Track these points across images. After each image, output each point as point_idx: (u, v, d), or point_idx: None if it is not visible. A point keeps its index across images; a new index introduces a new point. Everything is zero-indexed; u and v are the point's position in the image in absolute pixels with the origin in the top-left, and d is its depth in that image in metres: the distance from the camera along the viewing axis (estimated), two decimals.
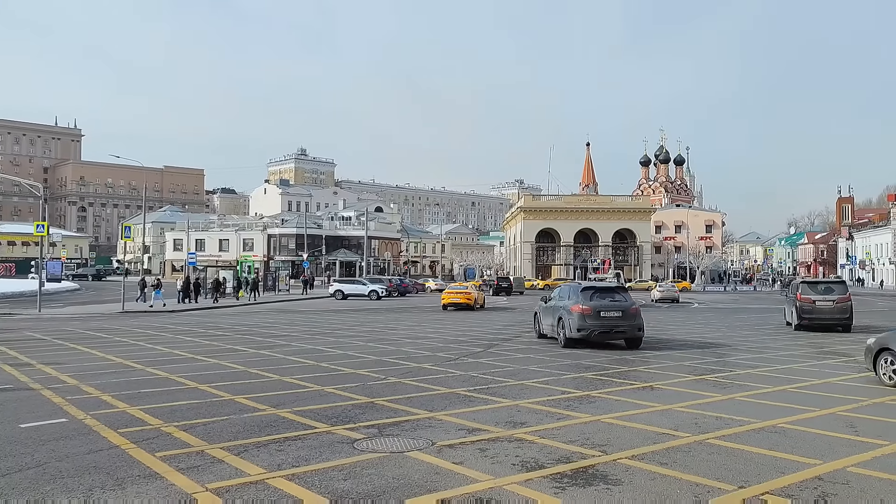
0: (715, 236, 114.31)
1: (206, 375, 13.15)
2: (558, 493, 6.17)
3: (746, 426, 8.85)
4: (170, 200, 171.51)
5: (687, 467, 6.96)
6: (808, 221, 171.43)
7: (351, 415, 9.49)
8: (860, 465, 7.07)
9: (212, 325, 25.76)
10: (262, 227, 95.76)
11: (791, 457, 7.37)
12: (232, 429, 8.61)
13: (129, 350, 17.52)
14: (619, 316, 17.89)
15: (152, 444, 7.81)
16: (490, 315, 32.85)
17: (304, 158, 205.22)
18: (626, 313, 17.96)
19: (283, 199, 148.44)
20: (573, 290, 19.32)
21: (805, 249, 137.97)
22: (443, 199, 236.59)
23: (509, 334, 22.22)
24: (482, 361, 15.36)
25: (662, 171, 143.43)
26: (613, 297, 18.52)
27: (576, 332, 17.75)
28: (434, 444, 7.82)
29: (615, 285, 21.73)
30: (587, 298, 18.15)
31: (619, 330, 18.09)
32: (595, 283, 23.81)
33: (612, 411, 9.76)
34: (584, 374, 13.37)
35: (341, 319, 29.48)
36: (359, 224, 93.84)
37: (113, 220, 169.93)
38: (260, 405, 10.12)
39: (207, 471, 6.80)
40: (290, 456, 7.34)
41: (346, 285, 52.26)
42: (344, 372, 13.69)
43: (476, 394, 11.18)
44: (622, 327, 18.02)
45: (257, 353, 16.98)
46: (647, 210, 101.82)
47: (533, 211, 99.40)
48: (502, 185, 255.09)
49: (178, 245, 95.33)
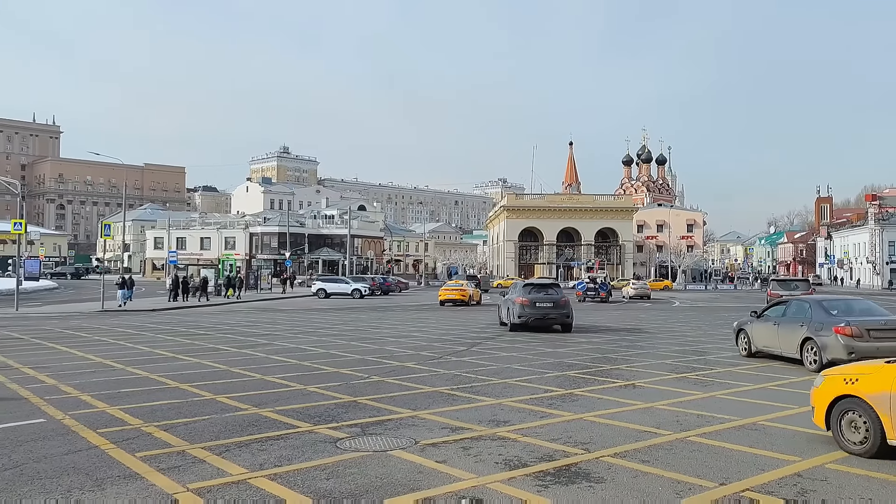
0: (696, 235, 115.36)
1: (188, 375, 13.05)
2: (541, 491, 6.18)
3: (727, 423, 8.93)
4: (150, 198, 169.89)
5: (669, 465, 7.01)
6: (788, 221, 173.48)
7: (334, 414, 9.45)
8: (838, 461, 7.15)
9: (193, 324, 25.55)
10: (244, 225, 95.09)
11: (771, 454, 7.44)
12: (213, 428, 8.55)
13: (108, 349, 17.33)
14: (551, 306, 22.07)
15: (132, 445, 7.73)
16: (475, 313, 32.88)
17: (286, 156, 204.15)
18: (557, 304, 22.17)
19: (266, 197, 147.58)
20: (518, 286, 24.12)
21: (785, 249, 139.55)
22: (426, 197, 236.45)
23: (493, 333, 22.25)
24: (465, 360, 15.38)
25: (644, 171, 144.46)
26: (547, 292, 22.71)
27: (517, 318, 21.94)
28: (417, 443, 7.81)
29: (550, 282, 25.95)
30: (526, 293, 22.46)
31: (551, 317, 22.04)
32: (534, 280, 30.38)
33: (595, 409, 9.81)
34: (566, 373, 13.42)
35: (324, 318, 29.37)
36: (342, 222, 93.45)
37: (92, 218, 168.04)
38: (242, 404, 10.06)
39: (188, 471, 6.74)
40: (272, 455, 7.29)
41: (329, 284, 52.06)
42: (326, 371, 13.64)
43: (459, 392, 11.19)
44: (553, 315, 22.03)
45: (239, 351, 16.86)
46: (630, 209, 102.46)
47: (516, 210, 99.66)
48: (485, 183, 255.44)
49: (159, 243, 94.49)
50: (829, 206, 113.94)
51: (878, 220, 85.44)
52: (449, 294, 39.74)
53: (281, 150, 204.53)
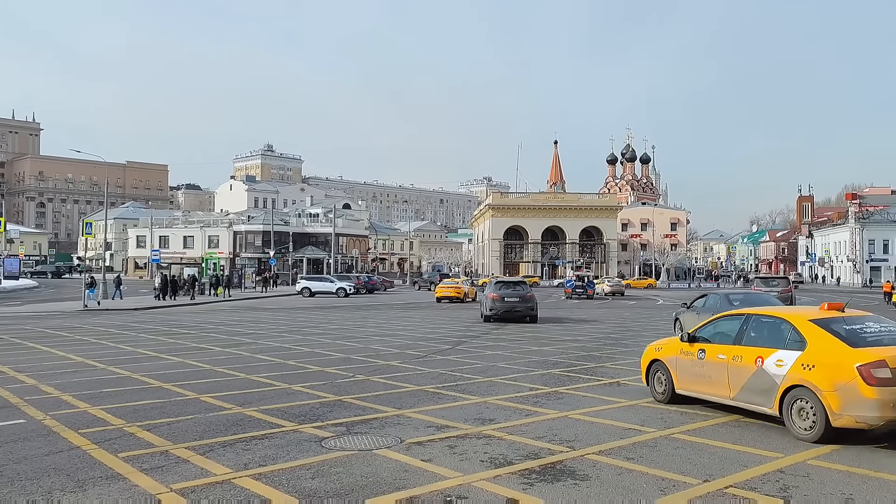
0: (680, 234, 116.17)
1: (171, 374, 12.95)
2: (527, 489, 6.19)
3: (711, 421, 8.99)
4: (132, 196, 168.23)
5: (653, 462, 7.05)
6: (770, 220, 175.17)
7: (318, 413, 9.42)
8: (820, 458, 7.23)
9: (176, 323, 25.35)
10: (227, 223, 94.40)
11: (753, 450, 7.51)
12: (197, 428, 8.48)
13: (90, 349, 17.15)
14: (518, 301, 25.62)
15: (114, 445, 7.66)
16: (461, 311, 32.89)
17: (270, 154, 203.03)
18: (523, 299, 25.79)
19: (250, 195, 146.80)
20: (491, 283, 28.68)
21: (767, 247, 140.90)
22: (411, 196, 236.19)
23: (479, 331, 22.28)
24: (451, 358, 15.38)
25: (629, 170, 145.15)
26: (514, 289, 26.53)
27: (489, 311, 25.67)
28: (403, 442, 7.80)
29: (517, 280, 30.20)
30: (497, 289, 26.37)
31: (517, 310, 25.56)
32: (504, 278, 34.22)
33: (580, 407, 9.84)
34: (551, 371, 13.46)
35: (308, 317, 29.25)
36: (326, 221, 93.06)
37: (73, 217, 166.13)
38: (226, 404, 9.99)
39: (172, 471, 6.69)
40: (256, 455, 7.25)
41: (314, 282, 51.86)
42: (311, 370, 13.59)
43: (445, 391, 11.19)
44: (519, 308, 25.59)
45: (223, 351, 16.75)
46: (614, 208, 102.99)
47: (501, 208, 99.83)
48: (471, 182, 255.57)
49: (142, 242, 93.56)
50: (810, 205, 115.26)
51: (858, 219, 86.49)
52: (445, 291, 41.52)
53: (265, 149, 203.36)
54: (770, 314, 9.36)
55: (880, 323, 8.70)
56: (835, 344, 7.98)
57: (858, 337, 8.11)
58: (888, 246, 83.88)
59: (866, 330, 8.37)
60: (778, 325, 8.89)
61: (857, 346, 7.89)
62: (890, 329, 8.51)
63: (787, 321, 8.78)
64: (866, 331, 8.34)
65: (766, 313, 9.46)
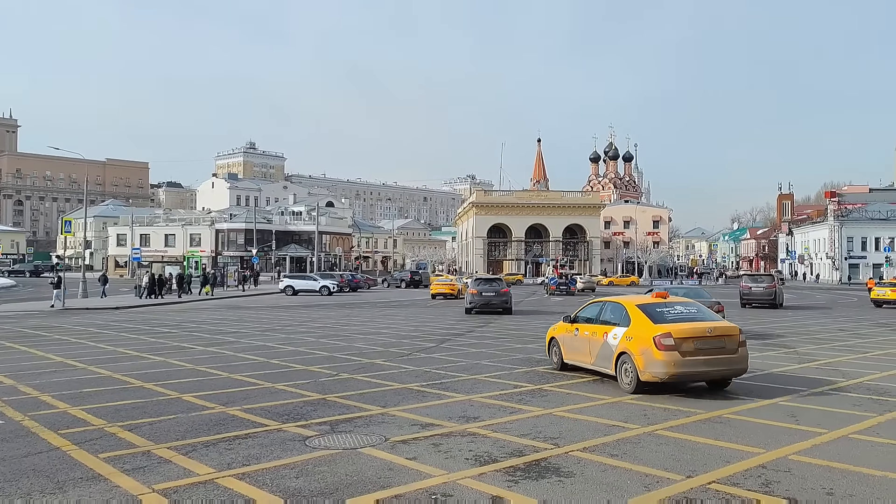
0: (662, 232, 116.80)
1: (152, 373, 12.82)
2: (512, 486, 6.20)
3: (693, 417, 9.06)
4: (113, 194, 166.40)
5: (637, 458, 7.09)
6: (751, 217, 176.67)
7: (302, 412, 9.37)
8: (801, 452, 7.31)
9: (158, 322, 25.12)
10: (209, 221, 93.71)
11: (736, 446, 7.57)
12: (179, 428, 8.41)
13: (69, 348, 16.94)
14: (494, 295, 29.28)
15: (95, 446, 7.57)
16: (444, 309, 32.87)
17: (252, 152, 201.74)
18: (498, 293, 29.35)
19: (232, 193, 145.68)
20: (471, 280, 33.07)
21: (748, 244, 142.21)
22: (395, 194, 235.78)
23: (462, 329, 22.29)
24: (435, 356, 15.36)
25: (611, 168, 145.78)
26: (491, 285, 30.34)
27: (469, 304, 29.32)
28: (387, 440, 7.78)
29: (494, 277, 35.05)
30: (476, 285, 30.32)
31: (493, 304, 29.06)
32: (482, 275, 42.17)
33: (564, 404, 9.87)
34: (535, 368, 13.49)
35: (292, 316, 29.11)
36: (309, 219, 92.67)
37: (52, 215, 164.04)
38: (208, 403, 9.91)
39: (154, 471, 6.62)
40: (240, 455, 7.20)
41: (297, 281, 51.58)
42: (295, 368, 13.52)
43: (429, 389, 11.18)
44: (495, 302, 29.08)
45: (205, 350, 16.62)
46: (597, 206, 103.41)
47: (485, 206, 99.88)
48: (454, 180, 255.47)
49: (122, 240, 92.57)
50: (790, 202, 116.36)
51: (837, 217, 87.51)
52: (440, 288, 44.16)
53: (247, 146, 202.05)
54: (615, 301, 11.89)
55: (687, 307, 11.32)
56: (645, 321, 10.71)
57: (662, 317, 10.79)
58: (866, 243, 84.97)
59: (671, 312, 10.97)
60: (618, 308, 11.53)
61: (658, 322, 10.60)
62: (690, 311, 11.13)
63: (623, 306, 11.45)
64: (671, 312, 10.96)
65: (613, 300, 11.99)
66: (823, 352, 16.41)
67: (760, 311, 31.35)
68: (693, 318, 10.89)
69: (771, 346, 17.64)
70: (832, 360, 14.81)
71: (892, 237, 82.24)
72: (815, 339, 19.51)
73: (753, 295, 34.21)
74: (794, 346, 17.62)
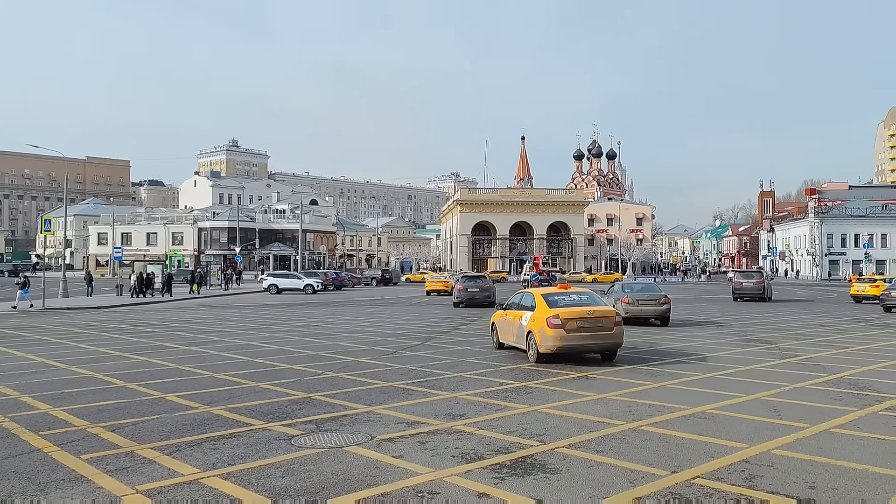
0: (645, 229, 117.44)
1: (135, 373, 12.70)
2: (498, 483, 6.21)
3: (677, 413, 9.12)
4: (93, 193, 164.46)
5: (622, 454, 7.13)
6: (733, 214, 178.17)
7: (287, 411, 9.32)
8: (783, 447, 7.39)
9: (140, 322, 24.89)
10: (192, 220, 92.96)
11: (719, 441, 7.64)
12: (163, 428, 8.34)
13: (50, 348, 16.75)
14: (478, 290, 32.17)
15: (77, 447, 7.49)
16: (429, 308, 32.88)
17: (235, 150, 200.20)
18: (482, 289, 32.21)
19: (215, 191, 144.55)
20: (458, 277, 37.61)
21: (729, 241, 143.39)
22: (379, 191, 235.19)
23: (446, 327, 22.29)
24: (420, 354, 15.35)
25: (595, 165, 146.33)
26: (475, 281, 33.47)
27: (456, 299, 32.48)
28: (373, 439, 7.76)
29: (478, 274, 38.89)
30: (462, 282, 33.47)
31: (478, 298, 31.73)
32: (468, 273, 48.23)
33: (549, 401, 9.91)
34: (521, 365, 13.51)
35: (276, 314, 28.96)
36: (293, 217, 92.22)
37: (31, 213, 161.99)
38: (192, 403, 9.84)
39: (137, 472, 6.56)
40: (224, 454, 7.15)
41: (281, 279, 51.32)
42: (279, 367, 13.45)
43: (415, 387, 11.17)
44: (479, 296, 31.86)
45: (188, 349, 16.50)
46: (581, 203, 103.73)
47: (469, 204, 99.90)
48: (438, 178, 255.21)
49: (103, 239, 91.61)
50: (771, 200, 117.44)
51: (818, 214, 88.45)
52: (435, 285, 47.28)
53: (230, 144, 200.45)
54: (530, 291, 15.13)
55: (580, 296, 14.32)
56: (544, 306, 13.68)
57: (556, 303, 13.77)
58: (846, 240, 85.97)
59: (565, 299, 13.98)
60: (530, 297, 14.65)
61: (552, 307, 13.55)
62: (581, 299, 14.11)
63: (534, 295, 14.52)
64: (565, 300, 13.96)
65: (529, 291, 15.27)
66: (804, 347, 16.60)
67: (750, 305, 33.40)
68: (580, 304, 13.82)
69: (753, 342, 17.83)
70: (813, 356, 14.99)
71: (871, 234, 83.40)
72: (797, 334, 19.73)
73: (745, 290, 37.62)
74: (775, 342, 17.81)
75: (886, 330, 21.19)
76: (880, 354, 15.33)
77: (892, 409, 9.43)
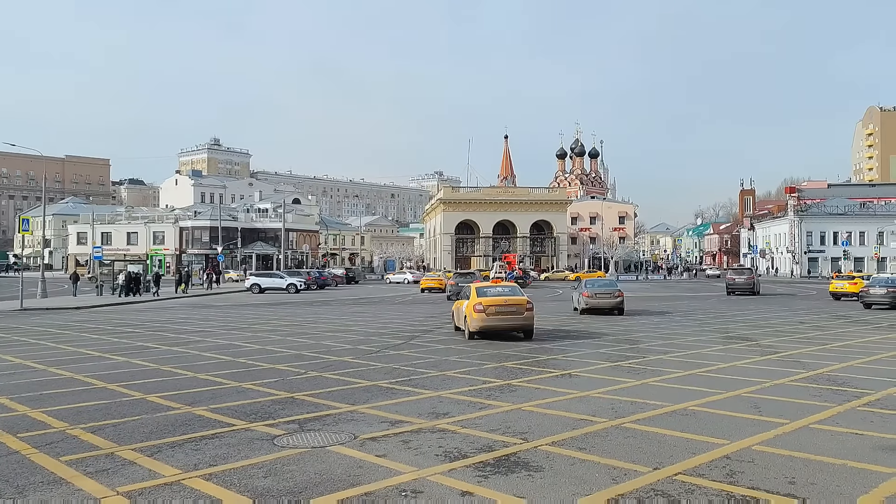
0: (628, 227, 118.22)
1: (115, 374, 12.58)
2: (481, 481, 6.22)
3: (659, 410, 9.19)
4: (73, 192, 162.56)
5: (605, 451, 7.17)
6: (714, 213, 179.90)
7: (270, 411, 9.28)
8: (764, 443, 7.46)
9: (120, 322, 24.64)
10: (173, 219, 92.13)
11: (701, 438, 7.70)
12: (144, 429, 8.26)
13: (29, 349, 16.53)
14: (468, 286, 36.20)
15: (56, 448, 7.40)
16: (412, 307, 32.88)
17: (217, 149, 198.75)
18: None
19: (196, 190, 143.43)
20: (453, 275, 45.29)
21: (711, 239, 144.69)
22: (362, 190, 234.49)
23: (430, 325, 22.28)
24: (403, 353, 15.34)
25: (578, 164, 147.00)
26: (466, 278, 39.14)
27: (449, 293, 36.86)
28: (357, 438, 7.74)
29: (470, 272, 46.59)
30: (455, 278, 39.93)
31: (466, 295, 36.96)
32: (462, 271, 53.75)
33: (533, 399, 9.94)
34: (504, 364, 13.55)
35: (258, 314, 28.80)
36: (276, 216, 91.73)
37: (9, 213, 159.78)
38: (174, 403, 9.75)
39: (118, 473, 6.50)
40: (207, 455, 7.10)
41: (264, 279, 51.10)
42: (262, 367, 13.38)
43: (398, 386, 11.15)
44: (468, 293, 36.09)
45: (170, 349, 16.36)
46: (564, 202, 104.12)
47: (452, 203, 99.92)
48: (422, 176, 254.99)
49: (83, 239, 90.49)
50: (752, 198, 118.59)
51: (797, 212, 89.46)
52: (429, 283, 50.08)
53: (211, 142, 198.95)
54: (471, 285, 19.23)
55: (504, 288, 18.59)
56: (474, 296, 17.63)
57: (484, 294, 17.80)
58: (825, 238, 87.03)
59: (492, 291, 18.18)
60: (470, 289, 18.44)
61: (480, 297, 17.52)
62: (504, 291, 18.21)
63: (472, 287, 18.66)
64: (491, 291, 18.12)
65: (473, 284, 19.50)
66: (784, 344, 16.78)
67: (732, 302, 34.52)
68: (502, 294, 17.85)
69: (734, 339, 18.00)
70: (794, 352, 15.15)
71: (849, 232, 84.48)
72: (777, 331, 19.94)
73: (737, 285, 43.04)
74: (756, 339, 17.99)
75: (865, 326, 21.49)
76: (859, 351, 15.54)
77: (870, 404, 9.56)
